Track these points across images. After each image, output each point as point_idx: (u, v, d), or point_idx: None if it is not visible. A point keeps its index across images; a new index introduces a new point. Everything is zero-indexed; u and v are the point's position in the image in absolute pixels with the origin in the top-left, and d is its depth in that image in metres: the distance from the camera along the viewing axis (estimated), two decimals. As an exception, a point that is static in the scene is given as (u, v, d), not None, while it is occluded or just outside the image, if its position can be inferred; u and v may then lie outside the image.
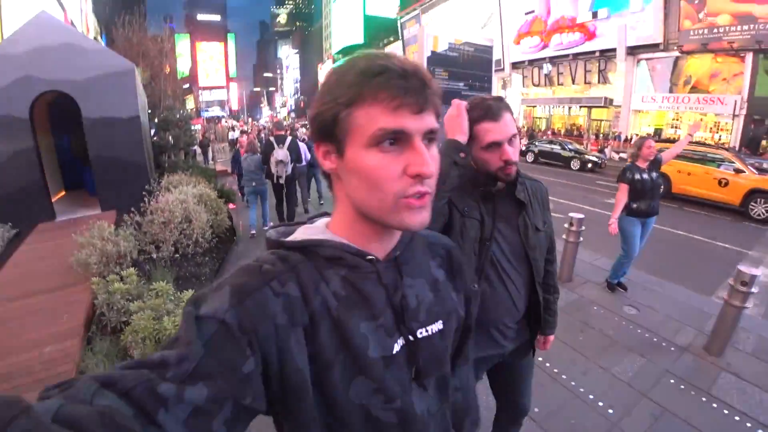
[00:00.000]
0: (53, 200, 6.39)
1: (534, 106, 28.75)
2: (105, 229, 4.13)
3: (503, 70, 29.66)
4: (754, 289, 2.91)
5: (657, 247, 5.89)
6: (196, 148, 14.91)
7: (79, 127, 6.02)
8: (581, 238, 4.38)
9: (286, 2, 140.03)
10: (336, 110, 0.54)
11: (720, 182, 9.15)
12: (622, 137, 20.82)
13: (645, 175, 3.71)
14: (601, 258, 5.03)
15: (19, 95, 5.41)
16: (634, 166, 3.77)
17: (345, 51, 55.53)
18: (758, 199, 8.42)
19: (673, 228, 7.33)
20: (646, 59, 20.41)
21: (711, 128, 18.47)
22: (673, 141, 14.86)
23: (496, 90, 31.57)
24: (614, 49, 21.10)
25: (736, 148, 15.32)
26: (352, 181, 0.56)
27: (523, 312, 1.46)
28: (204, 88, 67.43)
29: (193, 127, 14.11)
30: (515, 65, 28.82)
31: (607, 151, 20.13)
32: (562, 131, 26.11)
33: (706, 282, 4.83)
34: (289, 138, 5.91)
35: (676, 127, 19.90)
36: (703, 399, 2.64)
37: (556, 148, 16.47)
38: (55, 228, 5.68)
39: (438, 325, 0.67)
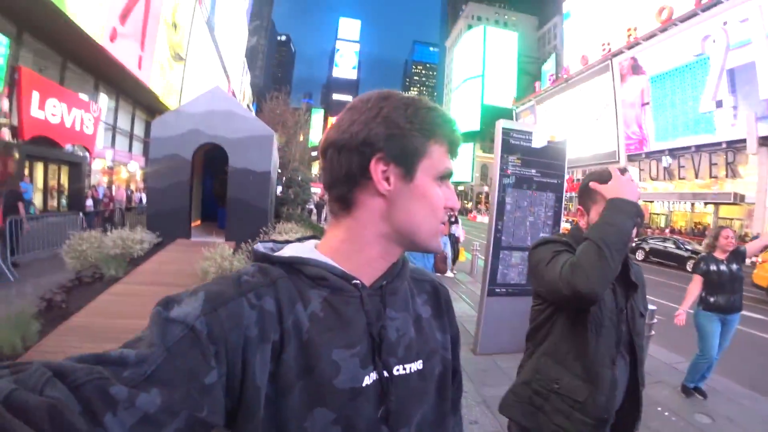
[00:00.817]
0: (192, 225, 8.09)
1: (651, 201, 26.92)
2: (226, 250, 5.24)
3: (618, 161, 28.62)
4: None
5: (758, 356, 5.24)
6: (312, 207, 17.42)
7: (222, 175, 7.82)
8: (653, 332, 4.03)
9: (411, 88, 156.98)
10: (423, 141, 0.59)
11: None
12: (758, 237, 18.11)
13: (723, 267, 3.53)
14: (685, 362, 4.57)
15: (189, 142, 7.32)
16: (710, 256, 3.62)
17: (463, 137, 58.58)
18: None
19: None
20: None
21: None
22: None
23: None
24: (743, 140, 19.35)
25: None
26: (413, 204, 0.59)
27: (619, 404, 1.35)
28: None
29: (312, 189, 16.59)
30: (631, 157, 27.65)
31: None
32: (684, 230, 23.62)
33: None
34: None
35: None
36: None
37: (670, 246, 14.97)
38: (189, 244, 7.19)
39: (417, 365, 0.63)
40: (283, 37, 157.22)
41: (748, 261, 3.67)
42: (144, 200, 15.38)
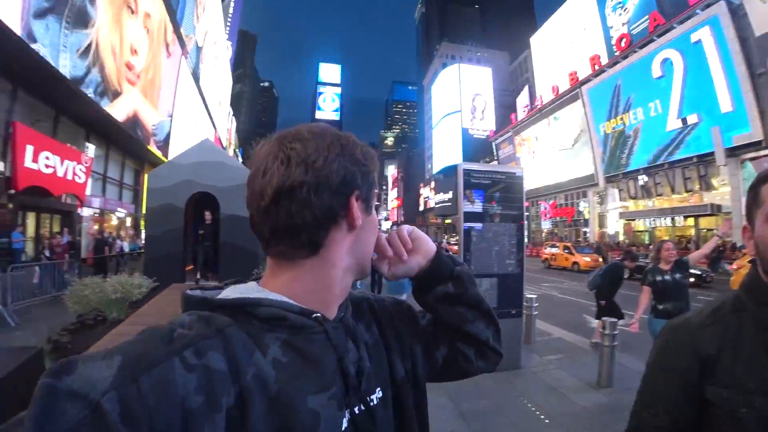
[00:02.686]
0: (186, 269, 8.31)
1: (633, 219, 27.72)
2: (222, 291, 5.54)
3: (597, 184, 29.62)
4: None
5: None
6: None
7: (210, 222, 8.27)
8: (616, 342, 4.36)
9: (393, 126, 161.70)
10: (374, 174, 0.61)
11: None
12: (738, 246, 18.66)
13: (667, 277, 3.89)
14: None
15: (182, 192, 7.76)
16: (655, 268, 4.00)
17: (445, 171, 59.77)
18: None
19: None
20: (750, 159, 19.14)
21: None
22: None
23: (592, 205, 31.23)
24: (712, 153, 20.27)
25: None
26: (369, 235, 0.61)
27: None
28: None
29: None
30: (609, 178, 28.63)
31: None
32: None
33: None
34: None
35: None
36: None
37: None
38: (184, 288, 7.33)
39: (378, 393, 0.60)
40: (266, 83, 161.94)
41: (696, 269, 4.02)
42: (126, 248, 15.44)
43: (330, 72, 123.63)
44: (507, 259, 4.78)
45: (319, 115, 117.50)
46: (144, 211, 11.62)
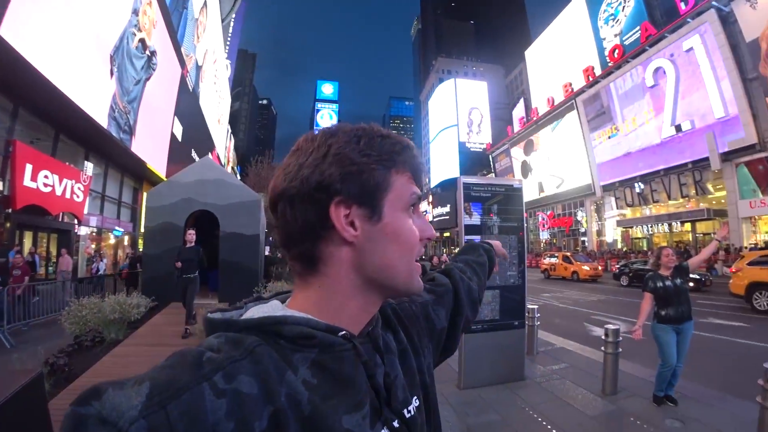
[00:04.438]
0: None
1: (631, 227, 27.92)
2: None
3: (594, 193, 29.77)
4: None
5: (742, 364, 5.51)
6: None
7: (211, 239, 8.16)
8: (620, 349, 4.37)
9: None
10: (384, 173, 0.52)
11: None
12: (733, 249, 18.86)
13: (668, 282, 3.91)
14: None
15: (181, 210, 7.79)
16: (656, 274, 4.01)
17: (443, 184, 60.04)
18: None
19: (761, 342, 6.71)
20: (745, 162, 19.40)
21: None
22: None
23: (590, 214, 31.35)
24: (707, 158, 20.54)
25: None
26: (386, 246, 0.52)
27: None
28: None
29: None
30: (606, 188, 28.80)
31: (717, 267, 18.21)
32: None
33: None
34: None
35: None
36: None
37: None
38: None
39: (415, 402, 0.59)
40: (265, 101, 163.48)
41: (695, 273, 4.02)
42: (102, 269, 14.94)
43: (327, 89, 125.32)
44: (508, 271, 4.77)
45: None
46: (142, 230, 11.64)
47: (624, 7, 29.47)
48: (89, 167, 15.02)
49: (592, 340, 7.13)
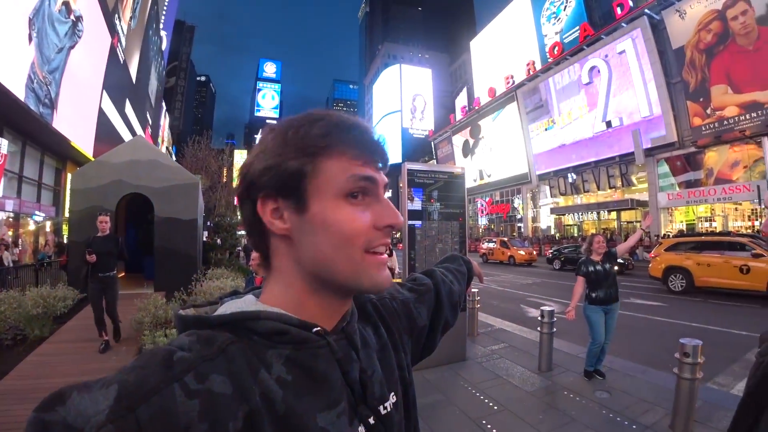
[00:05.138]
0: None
1: (563, 214, 29.73)
2: (159, 300, 5.19)
3: (531, 182, 31.38)
4: (700, 360, 3.04)
5: (661, 339, 6.10)
6: (240, 250, 17.01)
7: (146, 224, 7.62)
8: (554, 329, 4.69)
9: None
10: (303, 160, 0.48)
11: (741, 269, 9.05)
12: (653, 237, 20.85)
13: (599, 267, 4.26)
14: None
15: (112, 193, 7.17)
16: (588, 260, 4.35)
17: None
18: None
19: (690, 321, 7.38)
20: (666, 158, 21.48)
21: (750, 216, 18.72)
22: (704, 234, 15.35)
23: (526, 201, 33.03)
24: (632, 153, 22.37)
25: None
26: (316, 238, 0.49)
27: None
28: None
29: (239, 233, 16.34)
30: (542, 177, 30.41)
31: (638, 252, 20.15)
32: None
33: (705, 369, 4.86)
34: None
35: (711, 220, 20.27)
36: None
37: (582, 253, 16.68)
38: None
39: (392, 398, 0.58)
40: (203, 78, 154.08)
41: (624, 258, 4.38)
42: (9, 262, 13.24)
43: (270, 68, 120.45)
44: (451, 255, 4.93)
45: (258, 113, 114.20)
46: (67, 215, 10.64)
47: (566, 7, 30.92)
48: (4, 144, 13.36)
49: (529, 320, 7.61)
